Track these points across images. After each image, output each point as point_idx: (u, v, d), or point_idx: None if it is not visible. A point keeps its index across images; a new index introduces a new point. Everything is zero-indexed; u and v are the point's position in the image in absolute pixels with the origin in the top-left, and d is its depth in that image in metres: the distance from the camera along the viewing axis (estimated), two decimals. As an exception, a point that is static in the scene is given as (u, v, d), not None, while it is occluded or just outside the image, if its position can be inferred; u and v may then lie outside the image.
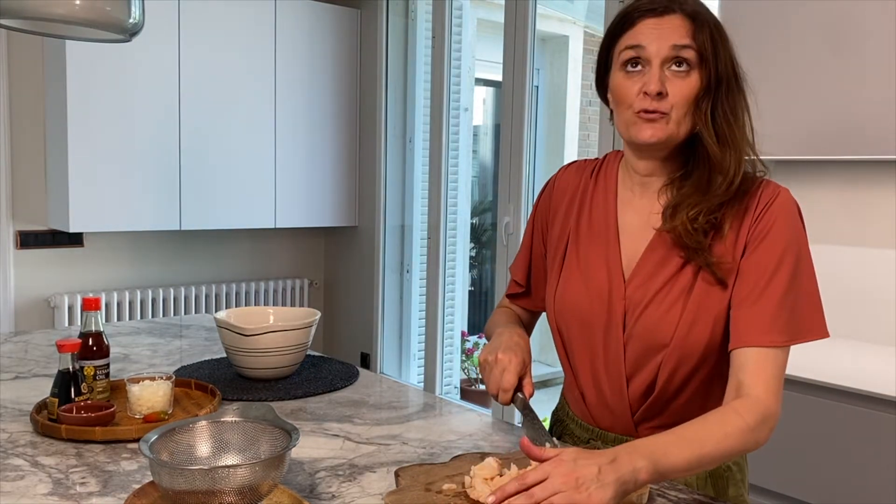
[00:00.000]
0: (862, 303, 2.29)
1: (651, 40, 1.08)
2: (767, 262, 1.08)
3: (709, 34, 1.08)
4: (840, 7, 2.11)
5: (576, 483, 0.88)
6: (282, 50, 3.95)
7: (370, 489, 1.08)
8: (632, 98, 1.10)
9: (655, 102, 1.07)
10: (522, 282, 1.37)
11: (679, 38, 1.07)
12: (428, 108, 3.93)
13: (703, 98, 1.08)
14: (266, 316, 1.74)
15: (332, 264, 4.59)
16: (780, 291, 1.07)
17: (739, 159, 1.09)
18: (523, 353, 1.20)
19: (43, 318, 3.63)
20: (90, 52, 3.33)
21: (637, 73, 1.09)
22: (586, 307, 1.19)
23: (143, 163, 3.56)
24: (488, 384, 1.19)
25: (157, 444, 0.96)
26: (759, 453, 1.98)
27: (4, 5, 1.31)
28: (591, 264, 1.20)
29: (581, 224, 1.24)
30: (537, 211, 1.35)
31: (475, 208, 4.97)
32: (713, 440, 0.99)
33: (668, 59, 1.08)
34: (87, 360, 1.39)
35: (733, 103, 1.10)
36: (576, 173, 1.30)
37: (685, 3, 1.09)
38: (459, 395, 4.32)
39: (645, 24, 1.09)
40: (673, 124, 1.09)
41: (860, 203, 2.33)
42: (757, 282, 1.08)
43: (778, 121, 2.25)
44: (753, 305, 1.07)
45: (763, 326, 1.06)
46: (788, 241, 1.09)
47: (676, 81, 1.08)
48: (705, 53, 1.07)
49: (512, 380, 1.16)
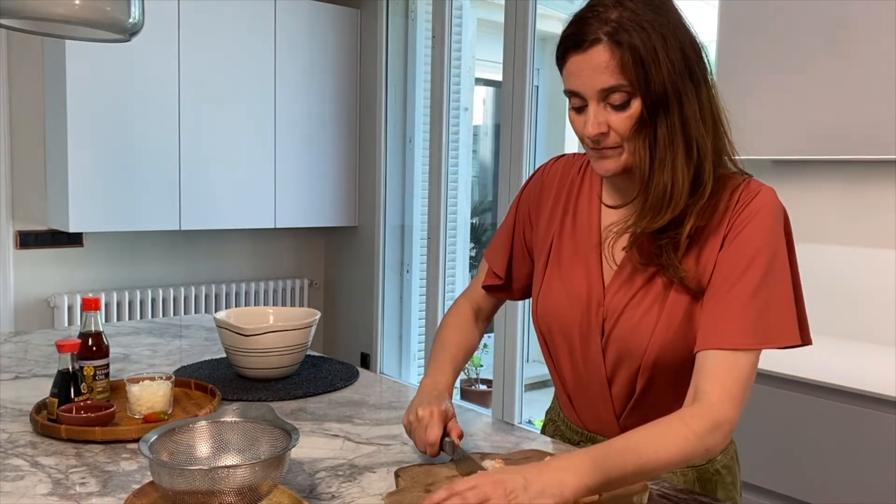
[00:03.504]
0: (862, 303, 2.29)
1: (581, 83, 1.03)
2: (736, 263, 1.04)
3: (638, 60, 0.99)
4: (840, 7, 2.11)
5: (504, 491, 0.88)
6: (282, 50, 3.95)
7: (370, 489, 1.08)
8: (581, 134, 1.08)
9: (598, 140, 1.05)
10: (502, 274, 1.33)
11: (605, 80, 1.01)
12: (428, 108, 3.93)
13: (643, 125, 1.03)
14: (266, 316, 1.74)
15: (332, 264, 4.59)
16: (748, 293, 1.02)
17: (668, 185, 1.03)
18: (443, 402, 1.18)
19: (43, 318, 3.63)
20: (90, 52, 3.33)
21: (582, 111, 1.06)
22: (566, 313, 1.19)
23: (143, 163, 3.56)
24: (417, 443, 1.16)
25: (156, 444, 0.96)
26: (760, 454, 1.98)
27: (4, 5, 1.31)
28: (572, 270, 1.20)
29: (565, 226, 1.23)
30: (521, 200, 1.32)
31: (475, 208, 4.98)
32: (651, 449, 0.96)
33: (603, 99, 1.03)
34: (87, 361, 1.39)
35: (673, 122, 1.02)
36: (564, 168, 1.28)
37: (614, 27, 0.99)
38: (459, 396, 4.32)
39: (573, 63, 1.03)
40: (627, 154, 1.06)
41: (860, 203, 2.32)
42: (724, 282, 1.04)
43: (778, 121, 2.25)
44: (717, 306, 1.04)
45: (725, 329, 1.02)
46: (762, 241, 1.04)
47: (615, 115, 1.03)
48: (637, 82, 1.00)
49: (436, 432, 1.13)
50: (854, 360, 2.13)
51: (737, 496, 1.24)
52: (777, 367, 1.97)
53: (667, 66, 1.00)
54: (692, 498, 1.08)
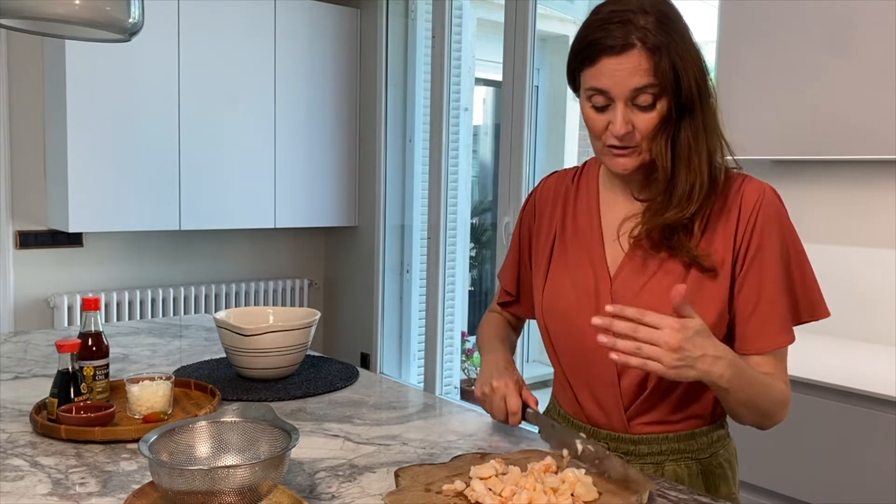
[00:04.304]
0: (862, 303, 2.29)
1: (613, 83, 1.07)
2: (770, 272, 1.13)
3: (670, 65, 1.06)
4: (840, 7, 2.11)
5: (677, 348, 0.99)
6: (282, 50, 3.95)
7: (370, 489, 1.08)
8: (600, 131, 1.12)
9: (623, 139, 1.10)
10: (512, 290, 1.41)
11: (639, 80, 1.06)
12: (428, 108, 3.93)
13: (665, 126, 1.10)
14: (266, 316, 1.74)
15: (332, 264, 4.59)
16: (785, 295, 1.13)
17: (695, 181, 1.11)
18: (515, 373, 1.27)
19: (42, 318, 3.63)
20: (90, 52, 3.33)
21: (603, 110, 1.11)
22: (574, 305, 1.21)
23: (143, 163, 3.56)
24: (494, 413, 1.25)
25: (156, 444, 0.96)
26: (759, 453, 1.98)
27: (4, 5, 1.31)
28: (577, 263, 1.24)
29: (566, 225, 1.28)
30: (522, 222, 1.39)
31: (475, 208, 4.97)
32: (769, 395, 1.12)
33: (631, 98, 1.08)
34: (87, 361, 1.39)
35: (696, 125, 1.11)
36: (556, 181, 1.35)
37: (645, 33, 1.05)
38: (459, 396, 4.32)
39: (605, 64, 1.07)
40: (644, 153, 1.12)
41: (860, 203, 2.32)
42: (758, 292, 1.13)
43: (778, 121, 2.25)
44: (755, 313, 1.13)
45: (771, 332, 1.13)
46: (782, 243, 1.14)
47: (641, 115, 1.09)
48: (667, 85, 1.07)
49: (517, 401, 1.22)
50: (854, 360, 2.13)
51: (736, 493, 1.26)
52: (777, 367, 1.97)
53: (693, 70, 1.08)
54: (692, 498, 1.08)
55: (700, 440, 1.21)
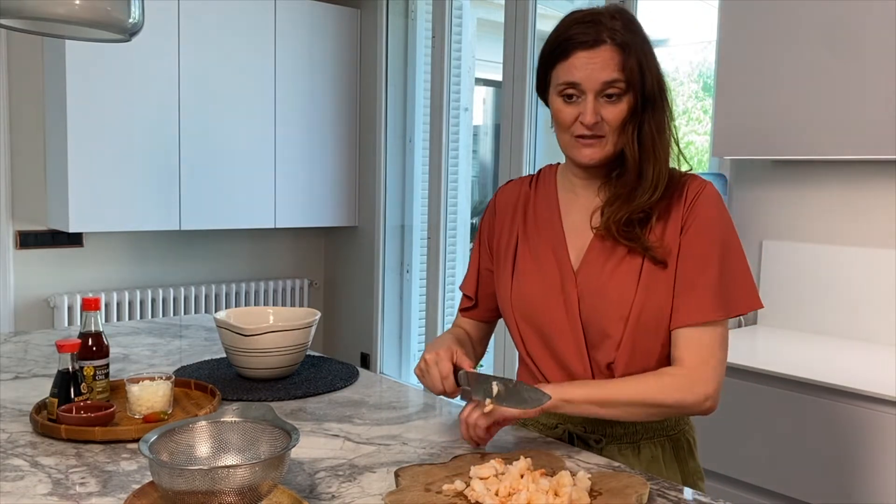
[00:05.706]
0: (862, 303, 2.29)
1: (584, 76, 1.18)
2: (700, 250, 1.21)
3: (636, 62, 1.18)
4: (840, 7, 2.11)
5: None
6: (282, 50, 3.95)
7: (370, 489, 1.08)
8: (570, 123, 1.22)
9: (592, 129, 1.20)
10: (472, 295, 1.46)
11: (609, 74, 1.17)
12: (428, 108, 3.93)
13: (630, 119, 1.20)
14: (266, 316, 1.74)
15: (332, 264, 4.59)
16: (713, 273, 1.20)
17: (660, 171, 1.21)
18: (447, 343, 1.27)
19: (43, 319, 3.63)
20: (90, 52, 3.33)
21: (574, 102, 1.21)
22: (542, 298, 1.29)
23: (143, 163, 3.56)
24: (432, 386, 1.25)
25: (156, 444, 0.96)
26: (759, 453, 1.98)
27: (4, 5, 1.31)
28: (543, 259, 1.31)
29: (528, 226, 1.35)
30: (482, 231, 1.44)
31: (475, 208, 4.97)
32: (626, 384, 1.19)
33: (601, 91, 1.18)
34: (87, 361, 1.39)
35: (659, 119, 1.22)
36: (514, 188, 1.42)
37: (615, 31, 1.17)
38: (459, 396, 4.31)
39: (578, 58, 1.18)
40: (609, 145, 1.22)
41: (860, 203, 2.32)
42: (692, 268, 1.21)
43: (778, 121, 2.25)
44: (687, 288, 1.21)
45: (696, 306, 1.20)
46: (718, 229, 1.22)
47: (609, 107, 1.19)
48: (633, 81, 1.18)
49: (447, 366, 1.23)
50: (854, 360, 2.13)
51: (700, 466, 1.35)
52: (777, 367, 1.97)
53: (654, 71, 1.21)
54: (692, 499, 1.08)
55: (668, 419, 1.30)
